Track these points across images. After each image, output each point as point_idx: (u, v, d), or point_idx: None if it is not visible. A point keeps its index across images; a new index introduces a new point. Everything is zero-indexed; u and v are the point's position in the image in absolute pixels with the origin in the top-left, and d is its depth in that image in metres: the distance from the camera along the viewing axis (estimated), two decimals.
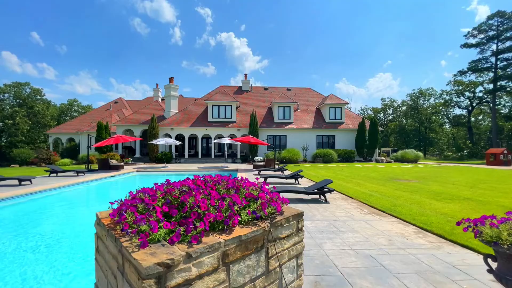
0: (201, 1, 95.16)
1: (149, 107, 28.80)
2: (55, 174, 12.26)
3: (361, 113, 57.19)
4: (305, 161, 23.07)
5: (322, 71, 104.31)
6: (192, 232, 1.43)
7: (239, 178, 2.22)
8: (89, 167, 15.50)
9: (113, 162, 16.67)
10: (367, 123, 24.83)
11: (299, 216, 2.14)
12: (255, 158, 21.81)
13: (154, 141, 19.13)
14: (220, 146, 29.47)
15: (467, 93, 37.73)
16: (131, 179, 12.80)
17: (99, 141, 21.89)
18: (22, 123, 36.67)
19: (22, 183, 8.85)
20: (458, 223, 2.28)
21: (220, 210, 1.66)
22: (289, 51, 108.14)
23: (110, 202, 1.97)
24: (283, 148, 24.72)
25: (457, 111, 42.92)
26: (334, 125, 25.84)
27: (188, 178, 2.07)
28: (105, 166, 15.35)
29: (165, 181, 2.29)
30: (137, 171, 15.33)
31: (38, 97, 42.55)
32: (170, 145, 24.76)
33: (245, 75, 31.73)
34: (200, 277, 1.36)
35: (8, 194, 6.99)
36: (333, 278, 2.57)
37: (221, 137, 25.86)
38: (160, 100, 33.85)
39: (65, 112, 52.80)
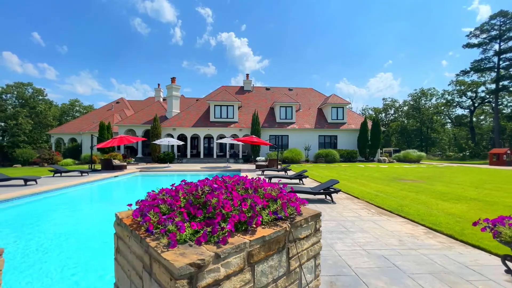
0: (201, 1, 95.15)
1: (151, 107, 28.82)
2: (59, 174, 12.29)
3: (362, 113, 57.17)
4: (307, 161, 23.06)
5: (322, 71, 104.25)
6: (218, 233, 1.44)
7: (256, 179, 2.23)
8: (93, 167, 15.53)
9: (116, 162, 16.70)
10: (370, 123, 24.81)
11: (317, 216, 2.14)
12: (257, 158, 21.82)
13: (157, 141, 19.16)
14: (221, 146, 29.50)
15: (469, 93, 37.64)
16: (134, 179, 12.83)
17: (101, 141, 21.93)
18: (24, 123, 36.78)
19: (28, 183, 8.88)
20: (474, 224, 2.28)
21: (242, 210, 1.67)
22: (289, 51, 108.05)
23: (128, 205, 1.98)
24: (285, 148, 24.72)
25: (459, 111, 42.90)
26: (336, 125, 25.83)
27: (207, 179, 2.08)
28: (108, 166, 15.38)
29: (182, 182, 2.30)
30: (140, 171, 15.35)
31: (40, 97, 42.68)
32: (172, 145, 24.80)
33: (247, 75, 31.75)
34: (228, 277, 1.37)
35: (14, 194, 7.01)
36: (347, 278, 2.57)
37: (223, 137, 25.89)
38: (162, 100, 33.87)
39: (66, 112, 52.92)
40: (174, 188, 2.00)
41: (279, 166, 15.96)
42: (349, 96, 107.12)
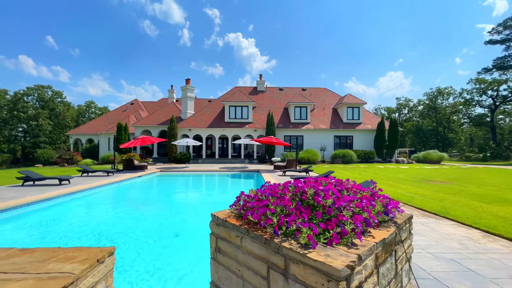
0: (209, 2, 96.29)
1: (165, 108, 29.30)
2: (86, 174, 12.67)
3: (374, 112, 56.20)
4: (323, 161, 22.84)
5: (330, 70, 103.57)
6: (349, 234, 1.43)
7: (343, 180, 2.21)
8: (116, 167, 15.91)
9: (136, 162, 17.05)
10: (387, 124, 24.34)
11: (410, 219, 2.11)
12: (273, 159, 21.79)
13: (175, 142, 19.44)
14: (235, 147, 29.63)
15: (489, 92, 36.26)
16: (158, 179, 13.05)
17: (119, 141, 22.44)
18: (45, 124, 38.11)
19: (62, 182, 9.18)
20: None
21: (355, 212, 1.66)
22: (297, 51, 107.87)
23: (230, 206, 2.00)
24: (300, 148, 24.59)
25: (478, 110, 41.32)
26: (351, 125, 25.47)
27: (299, 180, 2.08)
28: (130, 166, 15.71)
29: (266, 183, 2.31)
30: (160, 171, 15.61)
31: (59, 99, 44.12)
32: (188, 146, 25.11)
33: (260, 75, 31.77)
34: (365, 279, 1.36)
35: (55, 193, 7.27)
36: (428, 282, 2.52)
37: (237, 138, 26.00)
38: (174, 101, 34.33)
39: (82, 114, 54.54)
40: (269, 189, 2.02)
41: (298, 167, 15.87)
42: (358, 96, 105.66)
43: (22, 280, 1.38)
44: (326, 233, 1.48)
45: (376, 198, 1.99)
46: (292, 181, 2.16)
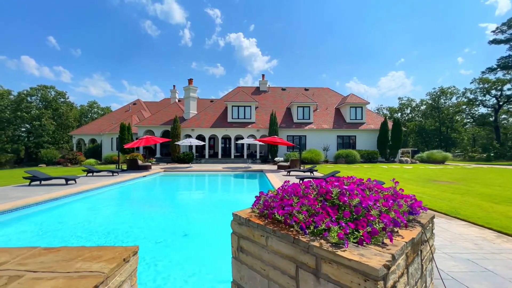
0: (210, 2, 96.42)
1: (168, 109, 29.31)
2: (91, 174, 12.71)
3: (376, 112, 56.05)
4: (326, 161, 22.80)
5: (332, 70, 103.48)
6: (380, 233, 1.42)
7: (364, 181, 2.20)
8: (120, 167, 15.95)
9: (140, 162, 17.08)
10: (390, 124, 24.26)
11: (433, 218, 2.10)
12: (276, 159, 21.78)
13: (179, 142, 19.47)
14: (237, 147, 29.62)
15: (493, 91, 36.04)
16: (162, 178, 13.07)
17: (123, 141, 22.50)
18: (48, 124, 38.27)
19: (68, 182, 9.21)
20: None
21: (382, 211, 1.65)
22: (298, 51, 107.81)
23: (253, 205, 2.00)
24: (303, 148, 24.55)
25: (482, 110, 41.05)
26: (355, 125, 25.40)
27: (322, 180, 2.07)
28: (134, 166, 15.75)
29: (285, 182, 2.30)
30: (164, 171, 15.63)
31: (62, 99, 44.30)
32: (191, 146, 25.14)
33: (263, 75, 31.77)
34: (398, 279, 1.35)
35: (62, 193, 7.29)
36: (447, 282, 2.50)
37: (240, 138, 26.01)
38: (177, 101, 34.37)
39: (85, 114, 54.74)
40: (290, 188, 2.01)
41: (302, 167, 15.85)
42: (359, 95, 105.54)
43: (53, 279, 1.38)
44: (355, 232, 1.47)
45: (398, 197, 1.97)
46: (313, 181, 2.15)
